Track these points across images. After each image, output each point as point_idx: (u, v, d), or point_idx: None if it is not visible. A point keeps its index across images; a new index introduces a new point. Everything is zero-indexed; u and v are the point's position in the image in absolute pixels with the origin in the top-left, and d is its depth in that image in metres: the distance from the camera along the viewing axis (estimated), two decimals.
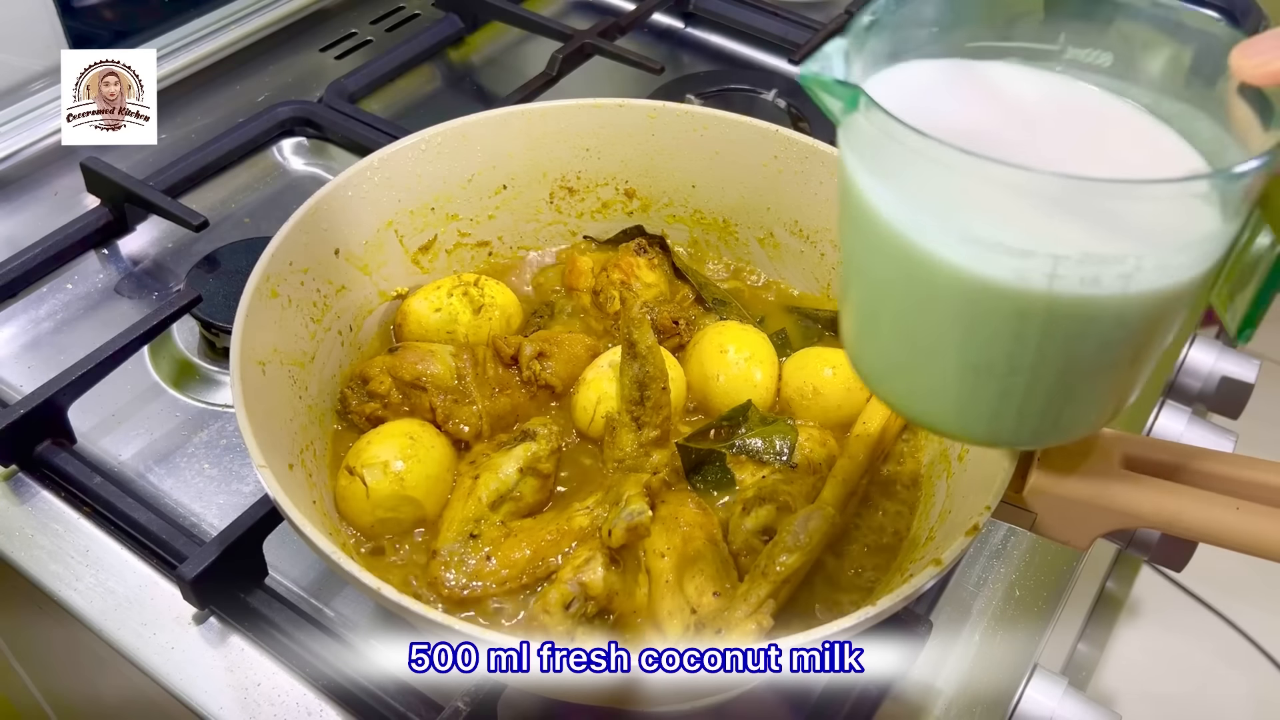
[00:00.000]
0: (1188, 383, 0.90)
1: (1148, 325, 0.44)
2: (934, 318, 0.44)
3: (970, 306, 0.42)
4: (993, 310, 0.42)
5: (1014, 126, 0.47)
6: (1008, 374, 0.44)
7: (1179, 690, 1.77)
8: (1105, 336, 0.43)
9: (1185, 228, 0.40)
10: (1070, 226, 0.39)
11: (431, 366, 0.69)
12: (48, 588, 0.68)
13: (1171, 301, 0.43)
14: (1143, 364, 0.46)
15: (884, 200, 0.43)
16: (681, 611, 0.59)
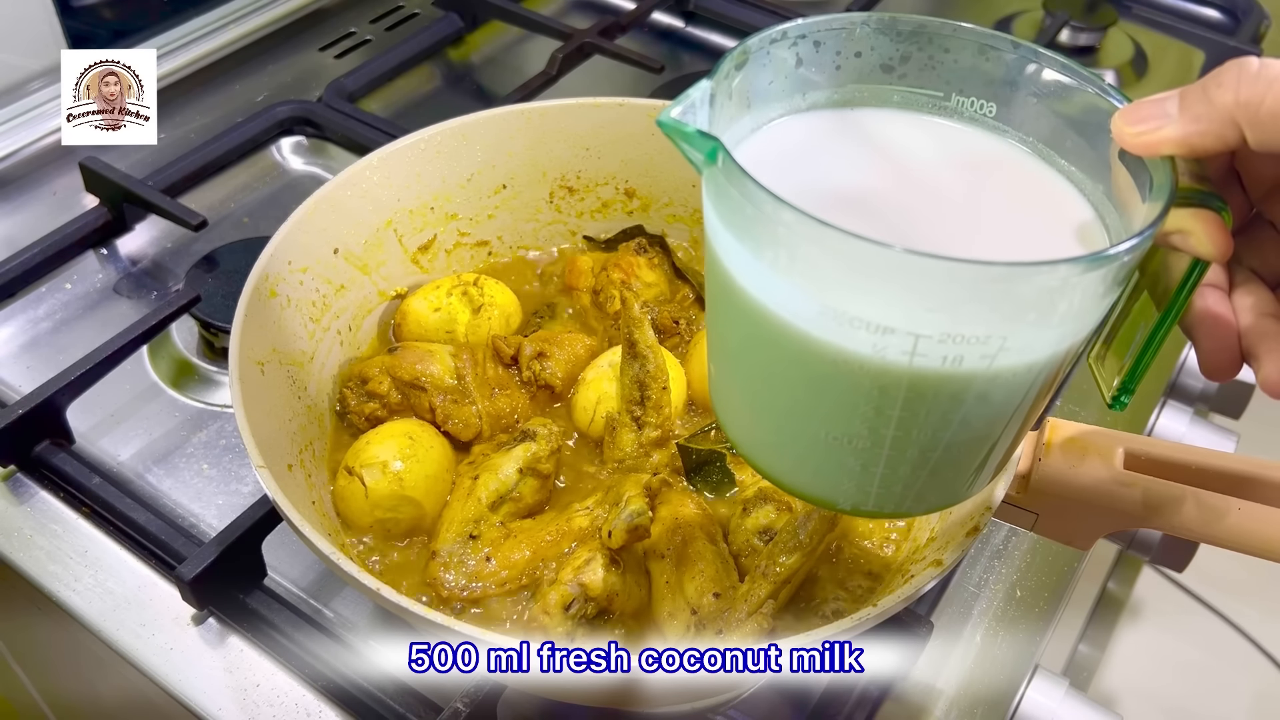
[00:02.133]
0: (1189, 383, 0.90)
1: (1013, 399, 0.41)
2: (793, 386, 0.42)
3: (829, 378, 0.40)
4: (853, 383, 0.40)
5: (893, 184, 0.45)
6: (870, 446, 0.42)
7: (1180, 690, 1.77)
8: (969, 412, 0.41)
9: (1055, 306, 0.38)
10: (931, 304, 0.37)
11: (431, 366, 0.69)
12: (46, 588, 0.68)
13: (1039, 374, 0.40)
14: (1009, 434, 0.44)
15: (741, 261, 0.41)
16: (682, 612, 0.59)
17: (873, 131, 0.47)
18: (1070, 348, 0.40)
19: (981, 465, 0.45)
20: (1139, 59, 1.22)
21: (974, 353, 0.38)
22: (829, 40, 0.46)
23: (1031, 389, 0.41)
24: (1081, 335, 0.40)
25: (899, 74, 0.47)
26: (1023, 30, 1.24)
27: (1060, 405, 0.83)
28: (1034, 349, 0.39)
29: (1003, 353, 0.38)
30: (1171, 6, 1.31)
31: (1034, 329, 0.38)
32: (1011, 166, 0.46)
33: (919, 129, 0.47)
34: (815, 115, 0.47)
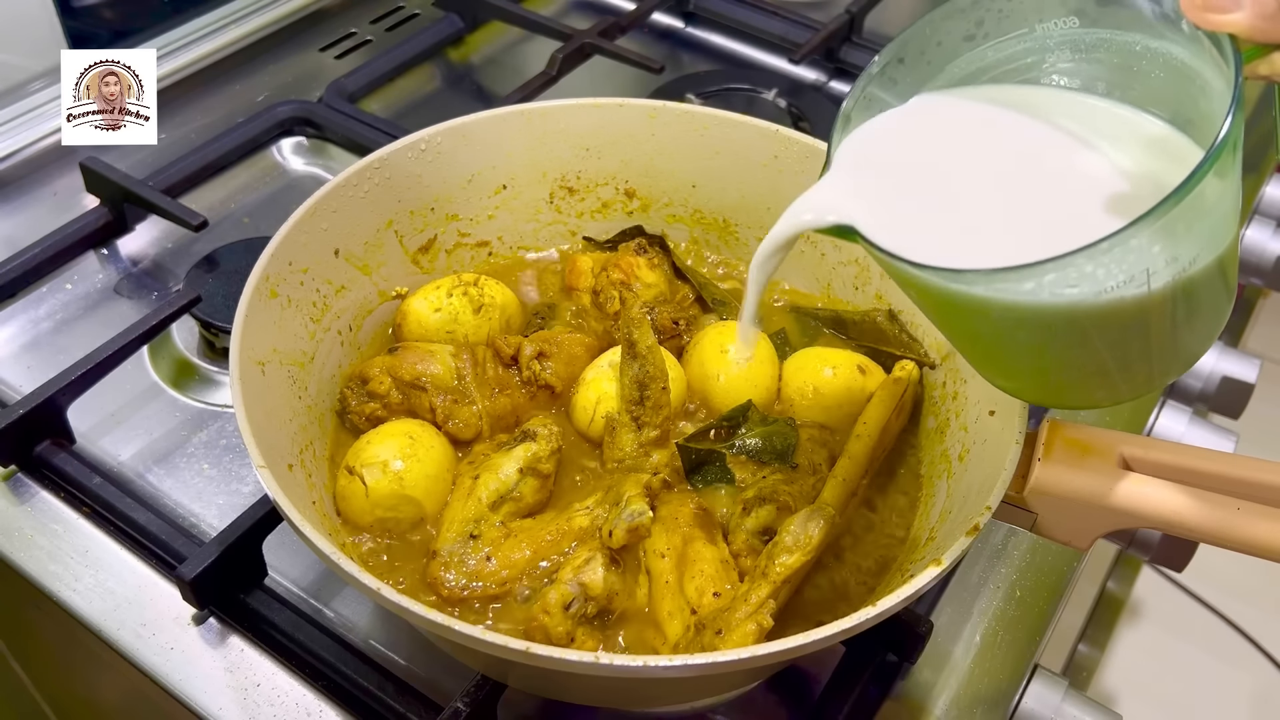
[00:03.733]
0: (1188, 383, 0.90)
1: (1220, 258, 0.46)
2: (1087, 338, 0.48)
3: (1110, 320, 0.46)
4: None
5: (1022, 170, 0.51)
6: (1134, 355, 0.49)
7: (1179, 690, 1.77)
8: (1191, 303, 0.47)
9: (1202, 214, 0.42)
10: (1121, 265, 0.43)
11: (431, 366, 0.69)
12: (47, 588, 0.68)
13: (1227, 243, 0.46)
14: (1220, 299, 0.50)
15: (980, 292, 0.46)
16: (682, 612, 0.59)
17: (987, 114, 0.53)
18: (1233, 210, 0.45)
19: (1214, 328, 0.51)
20: None
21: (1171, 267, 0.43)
22: (911, 47, 0.53)
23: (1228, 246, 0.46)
24: (1233, 207, 0.45)
25: (981, 35, 0.52)
26: None
27: None
28: (1214, 237, 0.45)
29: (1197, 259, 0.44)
30: None
31: (1203, 233, 0.43)
32: (1105, 121, 0.51)
33: (1030, 98, 0.52)
34: (946, 97, 0.54)
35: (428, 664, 0.65)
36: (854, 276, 0.76)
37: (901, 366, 0.70)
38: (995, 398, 0.62)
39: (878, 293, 0.75)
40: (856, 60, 1.15)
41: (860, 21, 1.17)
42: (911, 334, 0.72)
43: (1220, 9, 0.42)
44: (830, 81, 1.16)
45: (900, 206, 0.50)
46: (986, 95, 0.53)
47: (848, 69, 1.16)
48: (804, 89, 1.15)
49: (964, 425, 0.65)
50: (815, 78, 1.17)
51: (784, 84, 1.13)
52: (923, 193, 0.51)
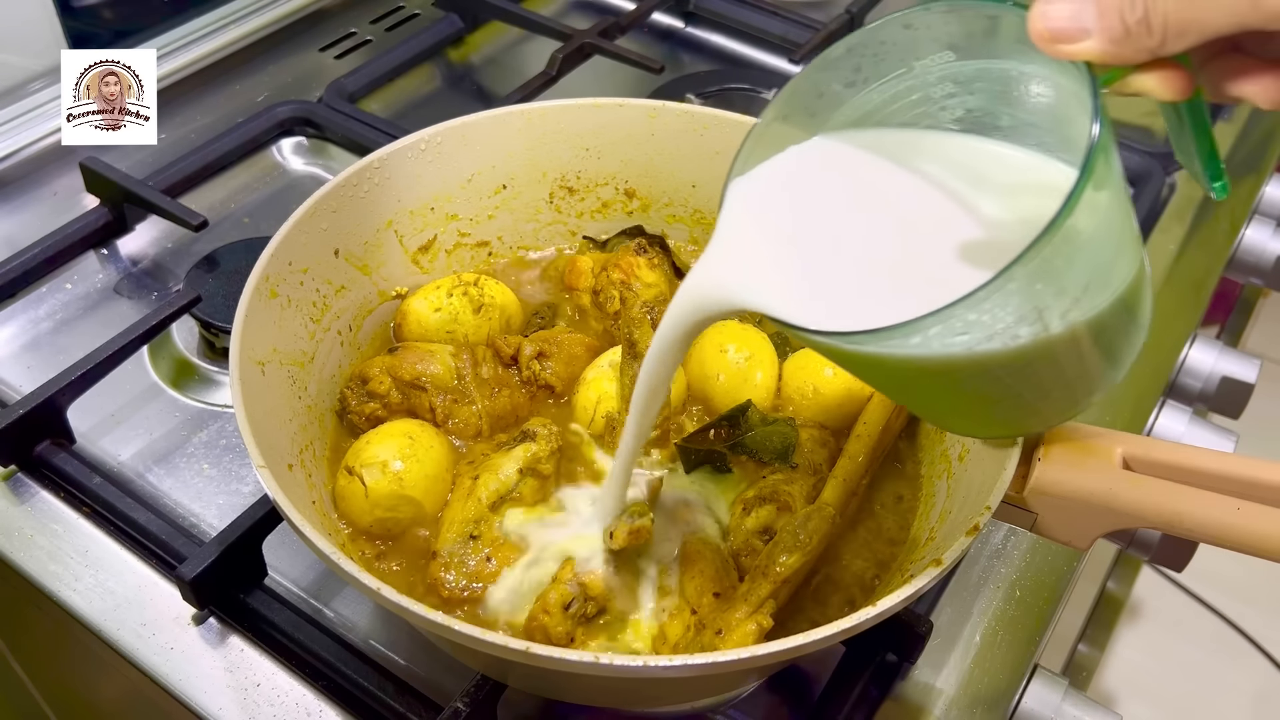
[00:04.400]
0: (1188, 383, 0.90)
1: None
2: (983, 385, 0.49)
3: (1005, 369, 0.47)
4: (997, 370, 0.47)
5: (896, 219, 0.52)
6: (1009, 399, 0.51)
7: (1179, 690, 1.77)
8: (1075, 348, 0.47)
9: (1075, 252, 0.42)
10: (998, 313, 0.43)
11: (431, 366, 0.69)
12: (47, 588, 0.68)
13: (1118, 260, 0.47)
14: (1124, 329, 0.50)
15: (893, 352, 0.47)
16: (682, 612, 0.59)
17: (858, 162, 0.53)
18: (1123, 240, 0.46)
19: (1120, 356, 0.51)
20: None
21: (1056, 308, 0.44)
22: (794, 103, 0.54)
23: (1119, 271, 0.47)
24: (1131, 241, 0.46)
25: (861, 80, 0.52)
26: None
27: None
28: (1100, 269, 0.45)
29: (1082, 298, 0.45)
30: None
31: (1090, 261, 0.44)
32: (988, 162, 0.51)
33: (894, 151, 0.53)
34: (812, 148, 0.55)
35: (428, 664, 0.65)
36: None
37: None
38: None
39: None
40: None
41: (860, 21, 1.17)
42: None
43: (1069, 39, 0.42)
44: None
45: (789, 271, 0.51)
46: (870, 142, 0.53)
47: None
48: None
49: None
50: None
51: (784, 84, 1.13)
52: (811, 253, 0.51)
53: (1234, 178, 1.08)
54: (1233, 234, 1.03)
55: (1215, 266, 1.00)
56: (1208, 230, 1.02)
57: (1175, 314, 0.93)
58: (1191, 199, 1.04)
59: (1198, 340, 0.92)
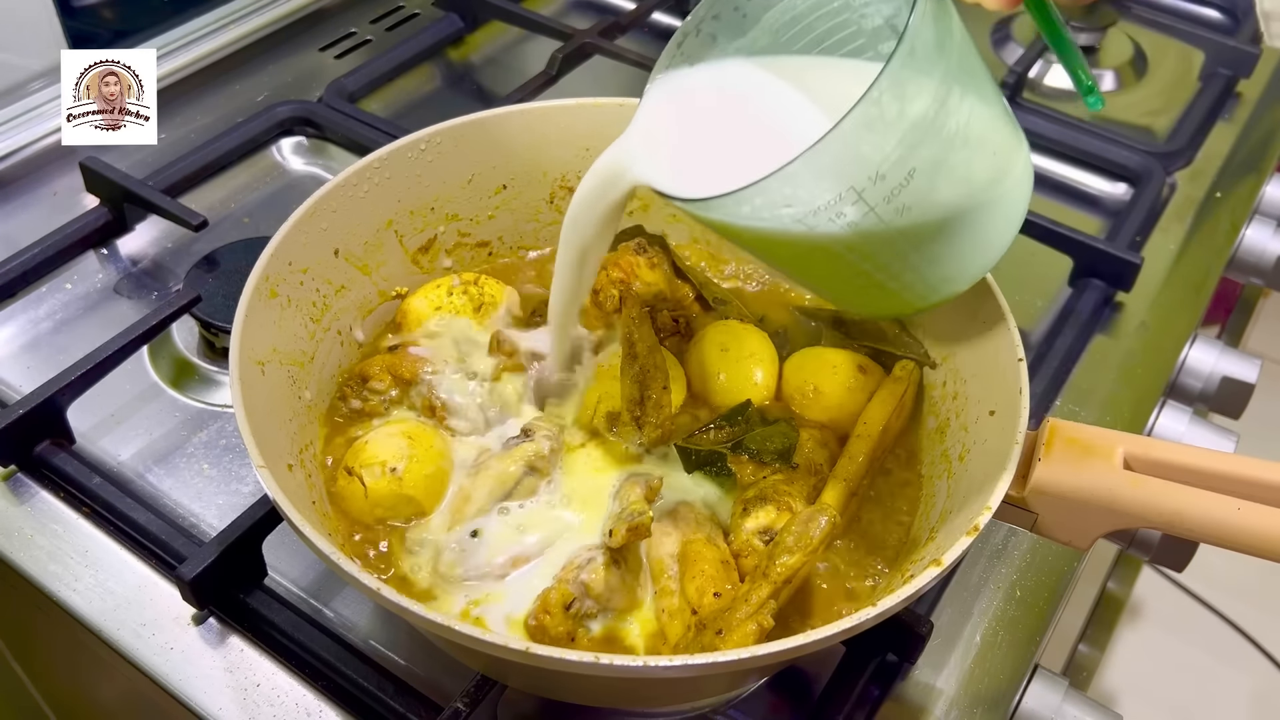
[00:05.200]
0: (1189, 383, 0.91)
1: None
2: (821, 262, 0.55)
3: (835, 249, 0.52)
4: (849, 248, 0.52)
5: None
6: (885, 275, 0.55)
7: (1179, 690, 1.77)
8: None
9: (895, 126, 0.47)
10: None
11: (431, 365, 0.69)
12: (47, 588, 0.68)
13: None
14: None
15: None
16: (682, 612, 0.59)
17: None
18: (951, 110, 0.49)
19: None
20: (1139, 59, 1.22)
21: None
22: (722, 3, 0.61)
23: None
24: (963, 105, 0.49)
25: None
26: (1024, 32, 1.23)
27: (1060, 405, 0.84)
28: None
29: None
30: (1171, 6, 1.31)
31: (908, 140, 0.48)
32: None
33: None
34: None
35: (428, 664, 0.65)
36: None
37: (902, 366, 0.70)
38: (995, 398, 0.62)
39: None
40: None
41: None
42: (911, 334, 0.72)
43: None
44: None
45: (674, 156, 0.59)
46: (772, 65, 0.61)
47: None
48: None
49: (964, 425, 0.65)
50: None
51: None
52: (694, 144, 0.60)
53: (1234, 178, 1.08)
54: (1233, 234, 1.03)
55: (1215, 266, 1.00)
56: (1208, 230, 1.02)
57: (1175, 314, 0.93)
58: (1192, 199, 1.04)
59: (1198, 340, 0.92)
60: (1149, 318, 0.92)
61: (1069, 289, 0.93)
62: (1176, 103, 1.16)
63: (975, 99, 0.50)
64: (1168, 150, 1.08)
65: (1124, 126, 1.13)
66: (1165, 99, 1.17)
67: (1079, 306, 0.90)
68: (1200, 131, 1.11)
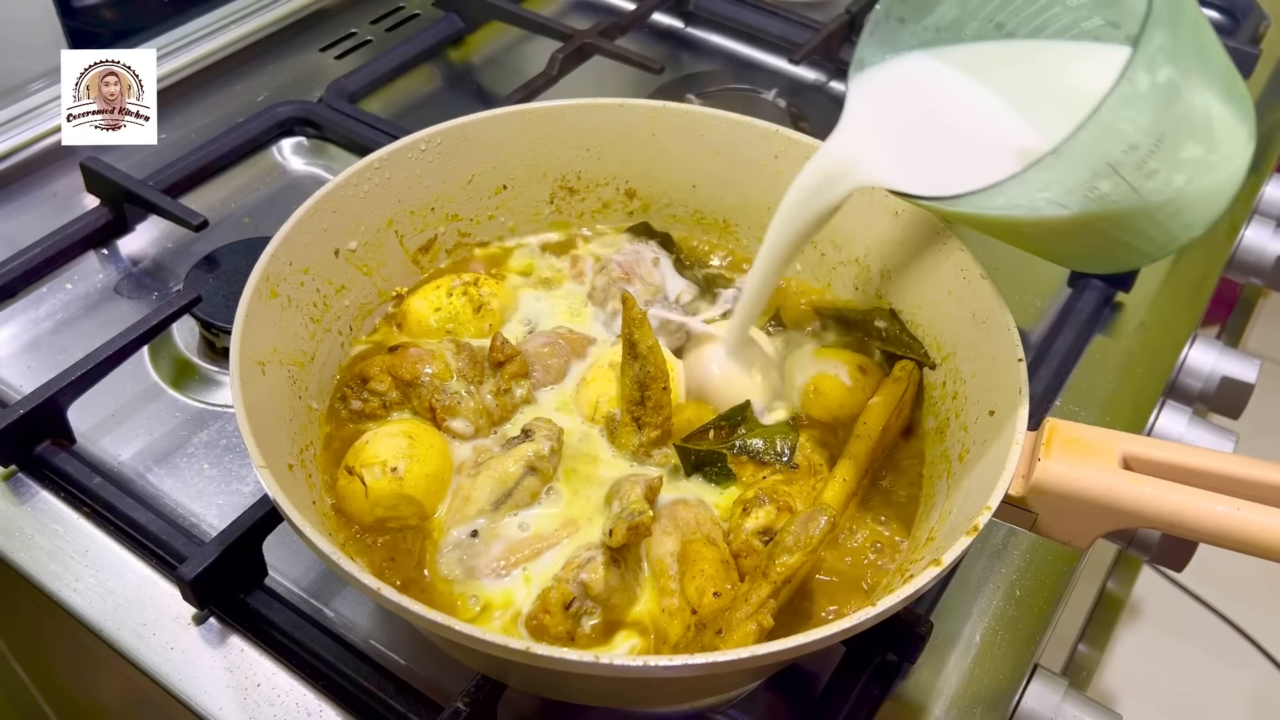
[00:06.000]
0: (1188, 383, 0.91)
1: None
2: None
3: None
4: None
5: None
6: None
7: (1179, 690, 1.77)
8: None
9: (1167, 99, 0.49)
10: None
11: (431, 366, 0.69)
12: (47, 588, 0.68)
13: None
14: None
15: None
16: (682, 612, 0.59)
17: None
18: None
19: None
20: None
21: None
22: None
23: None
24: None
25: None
26: None
27: (1060, 405, 0.84)
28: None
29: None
30: None
31: (1158, 117, 0.49)
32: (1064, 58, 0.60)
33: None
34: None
35: (428, 664, 0.65)
36: (854, 276, 0.76)
37: (901, 366, 0.70)
38: (995, 398, 0.62)
39: (878, 292, 0.75)
40: None
41: (860, 21, 1.17)
42: (912, 334, 0.72)
43: None
44: (830, 81, 1.16)
45: (904, 151, 0.60)
46: (973, 53, 0.62)
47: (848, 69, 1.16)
48: (804, 89, 1.15)
49: (964, 425, 0.65)
50: (815, 78, 1.17)
51: (784, 84, 1.13)
52: (919, 137, 0.60)
53: None
54: (1233, 234, 1.03)
55: (1215, 266, 1.00)
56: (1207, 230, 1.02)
57: (1175, 314, 0.93)
58: None
59: (1198, 340, 0.92)
60: (1148, 318, 0.92)
61: (1068, 289, 0.93)
62: None
63: (1203, 38, 0.51)
64: None
65: None
66: None
67: (1078, 306, 0.90)
68: None
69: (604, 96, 0.78)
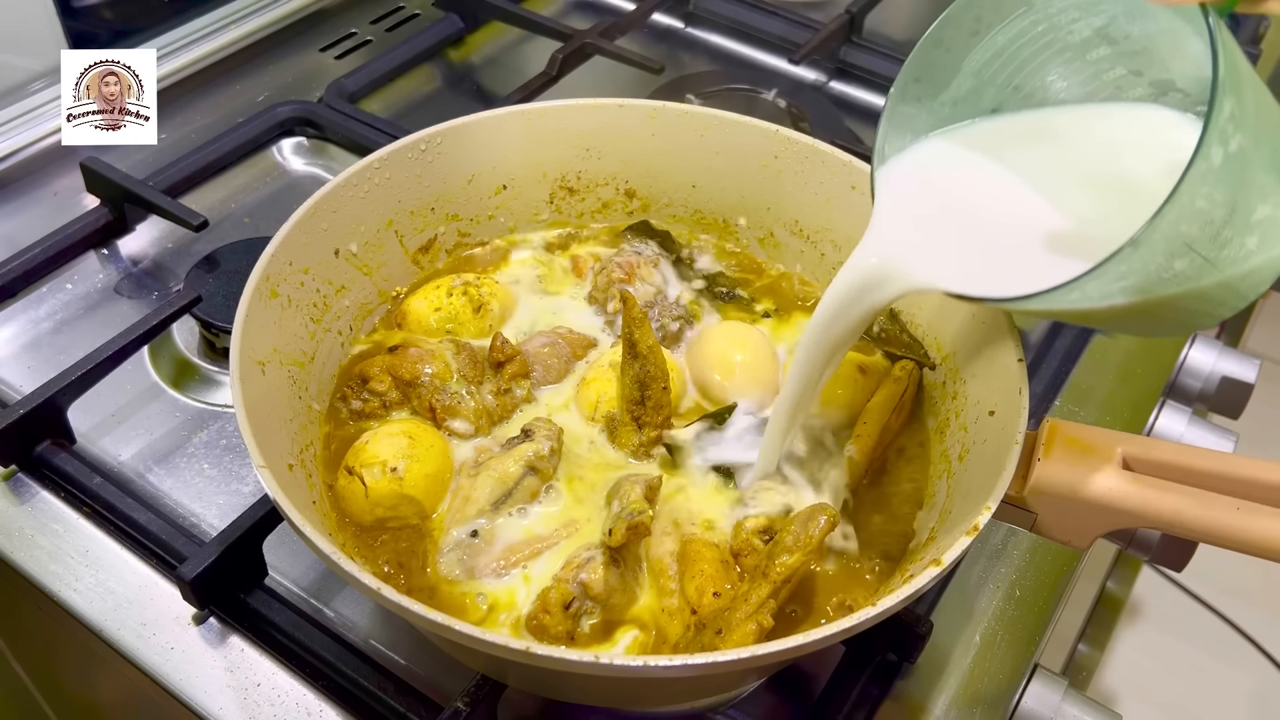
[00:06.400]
0: (1188, 383, 0.90)
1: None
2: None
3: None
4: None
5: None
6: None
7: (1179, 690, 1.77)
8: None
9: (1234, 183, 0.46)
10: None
11: (431, 366, 0.69)
12: (48, 588, 0.68)
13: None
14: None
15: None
16: (681, 612, 0.59)
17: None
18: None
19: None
20: None
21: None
22: (921, 65, 0.57)
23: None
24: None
25: (985, 26, 0.56)
26: None
27: (1060, 405, 0.84)
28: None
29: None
30: None
31: (1230, 185, 0.46)
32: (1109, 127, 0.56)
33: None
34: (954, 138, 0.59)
35: (428, 664, 0.65)
36: None
37: (901, 366, 0.70)
38: (995, 398, 0.62)
39: None
40: (856, 60, 1.16)
41: (860, 21, 1.17)
42: (911, 334, 0.72)
43: None
44: (830, 82, 1.16)
45: (950, 248, 0.56)
46: (997, 128, 0.58)
47: (848, 69, 1.16)
48: (804, 89, 1.15)
49: (964, 425, 0.65)
50: (815, 78, 1.17)
51: (784, 84, 1.13)
52: (968, 230, 0.56)
53: None
54: None
55: None
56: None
57: None
58: None
59: (1198, 340, 0.92)
60: None
61: None
62: None
63: (1258, 90, 0.48)
64: None
65: None
66: None
67: None
68: None
69: (604, 96, 0.78)
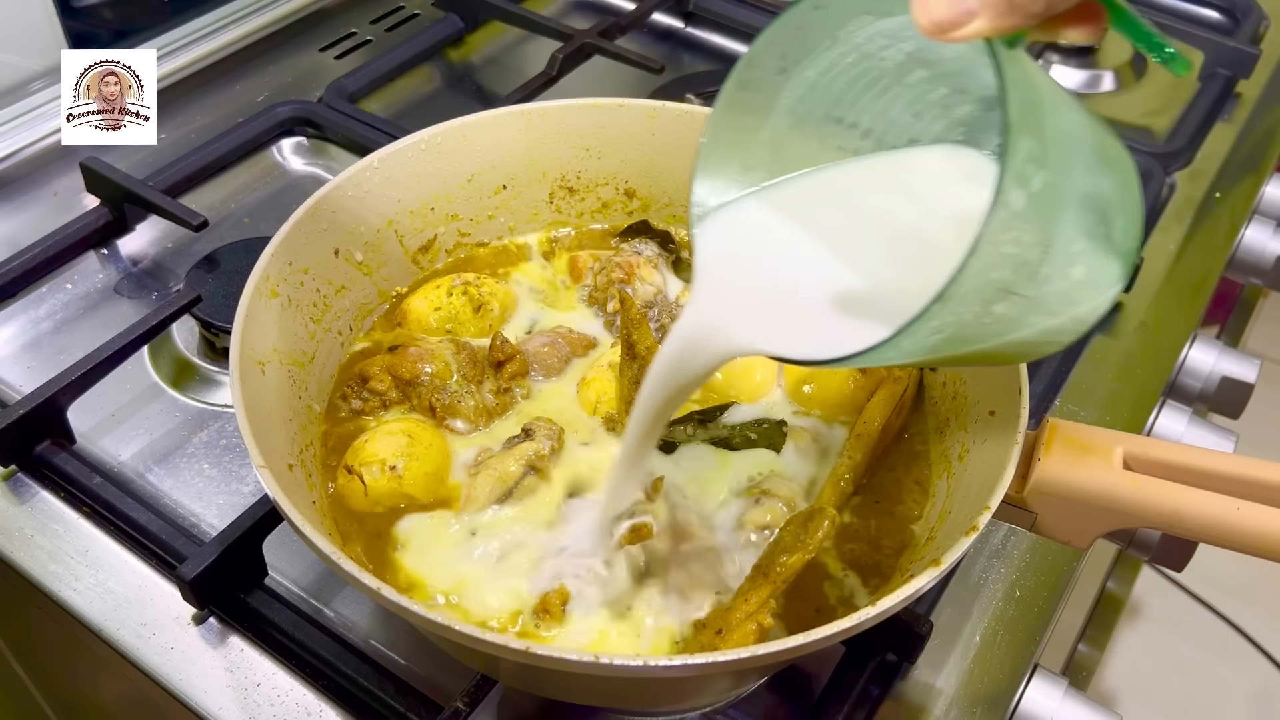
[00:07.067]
0: (1188, 383, 0.91)
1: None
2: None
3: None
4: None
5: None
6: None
7: (1179, 690, 1.77)
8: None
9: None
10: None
11: (431, 365, 0.69)
12: (47, 588, 0.68)
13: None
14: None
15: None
16: None
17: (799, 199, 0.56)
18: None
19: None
20: (1138, 59, 1.22)
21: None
22: (734, 91, 0.57)
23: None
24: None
25: (791, 62, 0.57)
26: None
27: (1060, 405, 0.84)
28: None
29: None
30: (1171, 7, 1.31)
31: (1044, 217, 0.44)
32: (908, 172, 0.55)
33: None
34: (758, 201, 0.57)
35: (428, 664, 0.65)
36: None
37: (902, 366, 0.70)
38: (995, 398, 0.62)
39: None
40: None
41: None
42: None
43: (956, 24, 0.40)
44: None
45: (775, 311, 0.53)
46: (809, 185, 0.56)
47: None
48: None
49: (964, 425, 0.65)
50: None
51: None
52: (785, 293, 0.53)
53: (1233, 178, 1.08)
54: (1232, 234, 1.03)
55: (1215, 266, 1.00)
56: (1208, 230, 1.02)
57: (1175, 314, 0.93)
58: (1191, 199, 1.04)
59: (1198, 340, 0.92)
60: (1148, 318, 0.92)
61: None
62: (1176, 103, 1.16)
63: (1062, 116, 0.46)
64: (1167, 150, 1.08)
65: (1123, 126, 1.13)
66: (1165, 99, 1.17)
67: None
68: (1200, 132, 1.11)
69: (604, 96, 0.78)
